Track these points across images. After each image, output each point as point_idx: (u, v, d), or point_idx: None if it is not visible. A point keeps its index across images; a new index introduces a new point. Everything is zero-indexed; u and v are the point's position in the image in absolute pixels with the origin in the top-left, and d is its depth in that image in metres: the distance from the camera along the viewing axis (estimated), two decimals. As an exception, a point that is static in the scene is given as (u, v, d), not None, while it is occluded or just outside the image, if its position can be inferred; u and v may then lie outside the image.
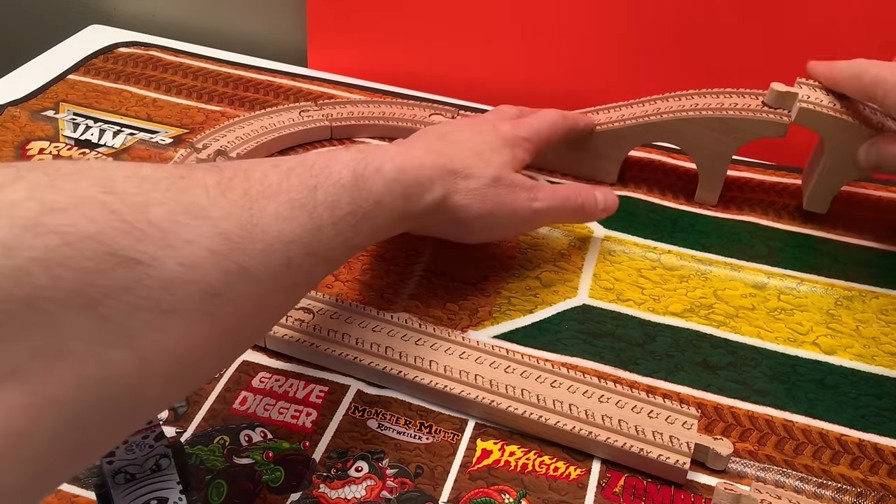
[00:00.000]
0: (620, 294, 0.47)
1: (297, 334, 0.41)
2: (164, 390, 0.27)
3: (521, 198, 0.43)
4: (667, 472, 0.37)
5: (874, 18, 0.55)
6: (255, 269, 0.28)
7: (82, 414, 0.23)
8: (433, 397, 0.40)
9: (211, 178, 0.29)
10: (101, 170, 0.26)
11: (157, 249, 0.25)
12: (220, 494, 0.35)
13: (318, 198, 0.32)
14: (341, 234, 0.33)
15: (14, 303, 0.21)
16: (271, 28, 0.72)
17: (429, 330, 0.42)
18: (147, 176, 0.27)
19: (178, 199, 0.27)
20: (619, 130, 0.52)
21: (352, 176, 0.34)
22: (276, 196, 0.30)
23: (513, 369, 0.40)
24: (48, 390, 0.22)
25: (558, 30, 0.62)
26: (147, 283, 0.24)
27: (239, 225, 0.28)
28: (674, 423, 0.38)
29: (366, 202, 0.35)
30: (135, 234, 0.24)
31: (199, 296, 0.26)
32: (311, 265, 0.32)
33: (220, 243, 0.27)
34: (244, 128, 0.55)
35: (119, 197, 0.25)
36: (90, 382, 0.23)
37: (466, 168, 0.41)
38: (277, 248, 0.30)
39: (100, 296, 0.23)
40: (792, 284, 0.48)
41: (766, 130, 0.49)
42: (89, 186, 0.24)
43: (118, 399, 0.24)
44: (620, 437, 0.37)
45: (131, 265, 0.24)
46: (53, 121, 0.58)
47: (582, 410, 0.38)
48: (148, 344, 0.25)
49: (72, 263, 0.23)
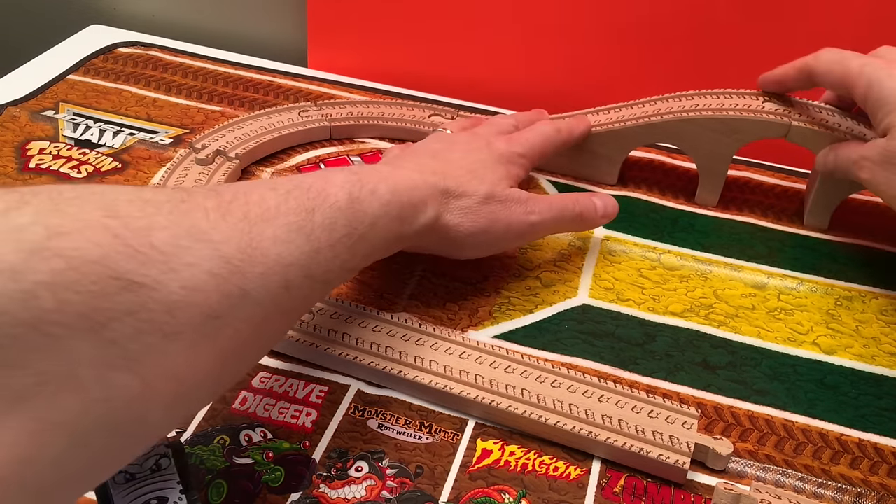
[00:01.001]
0: (620, 294, 0.47)
1: (297, 334, 0.41)
2: (166, 413, 0.27)
3: (516, 212, 0.43)
4: (667, 471, 0.37)
5: (874, 18, 0.55)
6: (254, 292, 0.29)
7: (86, 438, 0.23)
8: (433, 397, 0.40)
9: (210, 201, 0.29)
10: (103, 194, 0.26)
11: (161, 273, 0.25)
12: (220, 494, 0.35)
13: (315, 220, 0.32)
14: (339, 256, 0.33)
15: (20, 327, 0.21)
16: (271, 28, 0.72)
17: (429, 330, 0.42)
18: (149, 199, 0.27)
19: (180, 222, 0.27)
20: (619, 131, 0.52)
21: (347, 198, 0.35)
22: (275, 219, 0.31)
23: (513, 369, 0.40)
24: (54, 416, 0.22)
25: (558, 30, 0.62)
26: (151, 307, 0.24)
27: (239, 248, 0.28)
28: (674, 422, 0.38)
29: (361, 224, 0.35)
30: (138, 258, 0.24)
31: (201, 319, 0.26)
32: (309, 287, 0.32)
33: (221, 266, 0.27)
34: (243, 128, 0.55)
35: (122, 221, 0.25)
36: (94, 407, 0.23)
37: (459, 186, 0.41)
38: (276, 271, 0.30)
39: (105, 320, 0.23)
40: (792, 284, 0.48)
41: (766, 131, 0.49)
42: (93, 210, 0.24)
43: (121, 423, 0.24)
44: (620, 436, 0.37)
45: (135, 289, 0.24)
46: (53, 121, 0.58)
47: (582, 410, 0.38)
48: (151, 367, 0.25)
49: (78, 287, 0.23)
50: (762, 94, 0.50)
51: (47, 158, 0.54)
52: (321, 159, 0.56)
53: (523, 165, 0.47)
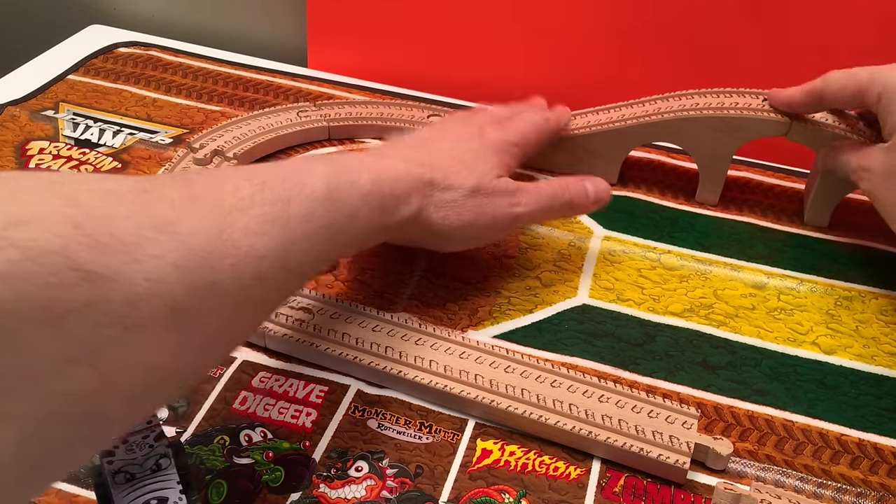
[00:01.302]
0: (620, 294, 0.47)
1: (297, 334, 0.41)
2: (128, 407, 0.26)
3: (502, 205, 0.42)
4: (667, 471, 0.37)
5: (874, 18, 0.55)
6: (224, 284, 0.28)
7: (43, 432, 0.23)
8: (433, 397, 0.40)
9: (177, 192, 0.28)
10: (63, 183, 0.25)
11: (122, 264, 0.24)
12: (220, 494, 0.35)
13: (291, 211, 0.32)
14: (315, 248, 0.33)
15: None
16: (271, 28, 0.72)
17: (429, 330, 0.42)
18: (111, 189, 0.26)
19: (142, 212, 0.26)
20: (619, 130, 0.52)
21: (326, 188, 0.34)
22: (249, 210, 0.30)
23: (512, 369, 0.40)
24: (10, 409, 0.22)
25: (558, 30, 0.62)
26: (111, 298, 0.24)
27: (207, 240, 0.27)
28: (674, 422, 0.38)
29: (340, 215, 0.34)
30: (99, 248, 0.24)
31: (164, 311, 0.25)
32: (284, 279, 0.31)
33: (188, 258, 0.26)
34: (241, 128, 0.55)
35: (83, 210, 0.24)
36: (52, 400, 0.23)
37: (446, 178, 0.40)
38: (248, 263, 0.29)
39: (64, 312, 0.22)
40: (792, 284, 0.48)
41: (767, 129, 0.49)
42: (52, 200, 0.24)
43: (80, 416, 0.24)
44: (620, 436, 0.37)
45: (95, 279, 0.23)
46: (53, 120, 0.58)
47: (582, 410, 0.38)
48: (111, 360, 0.24)
49: (35, 279, 0.22)
50: (762, 93, 0.50)
51: (47, 158, 0.54)
52: (321, 159, 0.56)
53: (516, 155, 0.46)
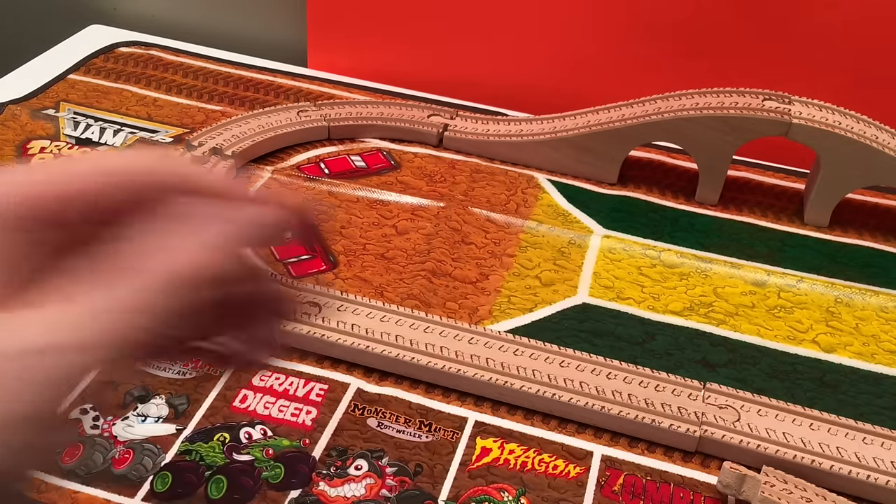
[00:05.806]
0: (620, 292, 0.47)
1: (304, 327, 0.41)
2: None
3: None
4: (679, 440, 0.38)
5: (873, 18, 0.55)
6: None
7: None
8: (446, 381, 0.40)
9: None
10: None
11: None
12: (219, 490, 0.35)
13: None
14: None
15: None
16: (271, 28, 0.72)
17: (436, 319, 0.42)
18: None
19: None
20: (619, 130, 0.52)
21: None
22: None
23: (521, 352, 0.41)
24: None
25: (558, 30, 0.62)
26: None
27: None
28: (679, 395, 0.39)
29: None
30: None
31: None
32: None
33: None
34: (240, 126, 0.55)
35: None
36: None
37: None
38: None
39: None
40: (791, 282, 0.48)
41: (766, 129, 0.49)
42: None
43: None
44: (632, 409, 0.38)
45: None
46: (54, 119, 0.58)
47: (592, 387, 0.39)
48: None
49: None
50: (762, 93, 0.50)
51: (48, 157, 0.54)
52: (321, 158, 0.56)
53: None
